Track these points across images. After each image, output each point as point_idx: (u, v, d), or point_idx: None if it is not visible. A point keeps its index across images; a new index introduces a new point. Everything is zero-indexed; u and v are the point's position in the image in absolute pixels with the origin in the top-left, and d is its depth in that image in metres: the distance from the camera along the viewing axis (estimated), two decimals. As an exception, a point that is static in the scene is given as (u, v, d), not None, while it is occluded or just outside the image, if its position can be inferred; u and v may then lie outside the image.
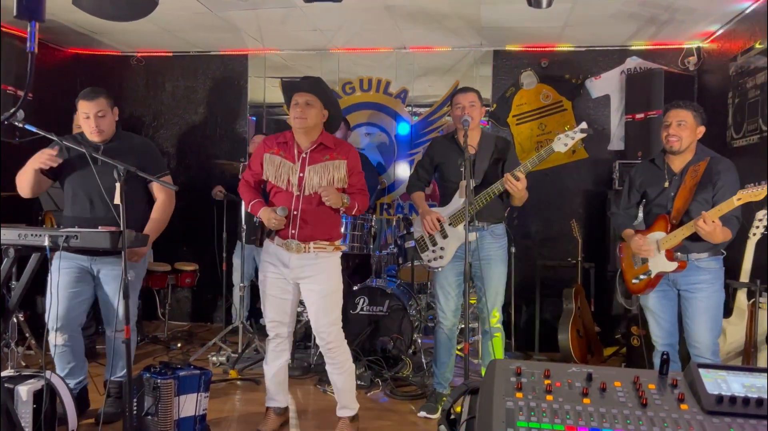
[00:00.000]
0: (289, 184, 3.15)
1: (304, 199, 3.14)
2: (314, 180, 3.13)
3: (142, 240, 2.90)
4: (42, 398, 2.86)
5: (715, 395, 1.30)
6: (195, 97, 6.09)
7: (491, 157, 3.63)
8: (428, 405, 3.75)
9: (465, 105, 3.56)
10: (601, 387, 1.37)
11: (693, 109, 3.14)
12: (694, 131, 3.14)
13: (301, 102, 3.13)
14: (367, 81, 5.86)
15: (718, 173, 3.08)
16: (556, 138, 3.34)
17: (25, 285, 2.70)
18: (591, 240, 5.26)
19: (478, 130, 3.70)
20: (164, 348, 5.11)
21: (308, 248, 3.16)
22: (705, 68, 5.18)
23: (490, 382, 1.40)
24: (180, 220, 5.84)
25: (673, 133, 3.12)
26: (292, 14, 4.71)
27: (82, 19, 4.80)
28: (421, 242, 3.74)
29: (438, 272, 3.71)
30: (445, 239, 3.63)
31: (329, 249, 3.23)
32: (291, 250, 3.16)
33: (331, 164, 3.17)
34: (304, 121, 3.11)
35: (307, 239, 3.15)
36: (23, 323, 4.40)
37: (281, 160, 3.18)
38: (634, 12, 4.50)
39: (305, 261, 3.18)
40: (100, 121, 3.30)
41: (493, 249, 3.62)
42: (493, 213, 3.61)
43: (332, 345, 3.26)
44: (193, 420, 3.21)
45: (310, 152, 3.17)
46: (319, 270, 3.19)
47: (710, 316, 3.13)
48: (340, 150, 3.22)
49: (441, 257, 3.65)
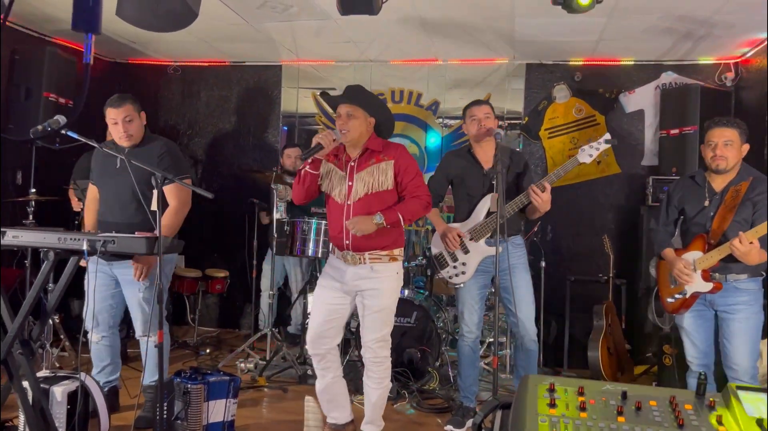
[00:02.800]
0: (339, 193, 3.13)
1: (355, 207, 3.09)
2: (360, 186, 3.10)
3: (177, 246, 2.94)
4: (76, 399, 2.92)
5: (755, 419, 1.28)
6: (229, 106, 6.19)
7: (509, 169, 3.63)
8: (455, 419, 3.72)
9: (480, 117, 3.58)
10: (637, 405, 1.35)
11: (737, 126, 3.07)
12: (740, 150, 3.08)
13: (342, 114, 3.11)
14: (399, 92, 5.89)
15: (760, 193, 3.02)
16: (581, 150, 3.34)
17: (63, 288, 2.76)
18: (623, 257, 5.19)
19: (493, 142, 3.66)
20: (193, 353, 5.17)
21: (363, 259, 3.11)
22: (742, 84, 5.09)
23: (522, 398, 1.39)
24: (211, 227, 5.96)
25: (720, 154, 3.04)
26: (327, 26, 4.76)
27: (123, 29, 4.91)
28: (440, 258, 3.71)
29: (461, 287, 3.68)
30: (467, 254, 3.61)
31: (385, 260, 3.15)
32: (348, 262, 3.14)
33: (376, 167, 3.12)
34: (347, 133, 3.08)
35: (362, 249, 3.10)
36: (58, 325, 4.49)
37: (333, 167, 3.17)
38: (670, 27, 4.45)
39: (362, 273, 3.12)
40: (128, 125, 3.40)
41: (514, 257, 3.60)
42: (512, 224, 3.58)
43: (378, 360, 3.21)
44: (222, 425, 3.24)
45: (357, 159, 3.15)
46: (374, 285, 3.13)
47: (749, 338, 3.06)
48: (387, 152, 3.16)
49: (463, 273, 3.63)
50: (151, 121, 6.06)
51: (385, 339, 3.20)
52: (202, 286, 5.51)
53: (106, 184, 3.51)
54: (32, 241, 2.63)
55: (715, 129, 3.09)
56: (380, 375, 3.23)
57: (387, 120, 3.26)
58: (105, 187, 3.52)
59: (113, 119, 3.40)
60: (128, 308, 3.54)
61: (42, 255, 2.64)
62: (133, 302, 3.46)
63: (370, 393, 3.28)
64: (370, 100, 3.20)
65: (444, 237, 3.62)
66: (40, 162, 4.80)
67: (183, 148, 6.23)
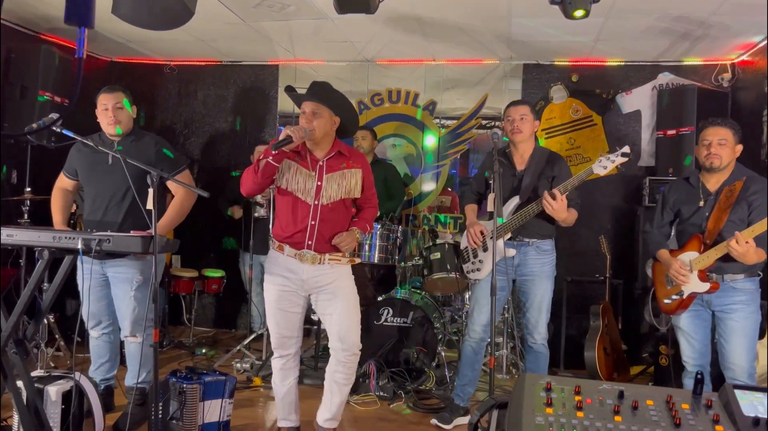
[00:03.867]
0: (305, 192, 2.99)
1: (323, 208, 3.00)
2: (333, 188, 3.01)
3: (173, 245, 2.93)
4: (70, 399, 2.90)
5: (752, 417, 1.27)
6: (225, 106, 6.17)
7: (541, 173, 3.57)
8: (443, 415, 3.73)
9: (515, 118, 3.55)
10: (633, 405, 1.35)
11: (731, 126, 3.09)
12: (734, 149, 3.09)
13: (307, 111, 2.97)
14: (395, 92, 5.89)
15: (754, 193, 3.02)
16: (597, 161, 3.31)
17: (58, 287, 2.74)
18: (620, 257, 5.19)
19: (531, 143, 3.64)
20: (189, 353, 5.15)
21: (323, 260, 3.02)
22: (739, 85, 5.10)
23: (519, 397, 1.38)
24: (208, 227, 5.94)
25: (715, 152, 3.06)
26: (324, 25, 4.75)
27: (119, 28, 4.90)
28: (465, 253, 3.75)
29: (476, 284, 3.69)
30: (485, 252, 3.60)
31: (344, 262, 3.10)
32: (305, 261, 3.01)
33: (348, 172, 3.06)
34: (311, 132, 2.94)
35: (324, 251, 3.02)
36: (53, 325, 4.47)
37: (295, 164, 3.01)
38: (667, 27, 4.45)
39: (320, 271, 3.03)
40: (118, 112, 3.38)
41: (537, 265, 3.57)
42: (540, 229, 3.56)
43: (356, 358, 3.13)
44: (218, 425, 3.23)
45: (326, 160, 3.03)
46: (335, 278, 3.06)
47: (746, 338, 3.06)
48: (355, 158, 3.11)
49: (479, 269, 3.64)
50: (147, 120, 6.13)
51: (357, 332, 3.13)
52: (199, 286, 5.49)
53: (95, 180, 3.42)
54: (26, 240, 2.61)
55: (709, 128, 3.11)
56: (352, 371, 3.16)
57: (352, 120, 3.16)
58: (93, 183, 3.43)
59: (104, 104, 3.38)
60: (116, 307, 3.46)
61: (37, 254, 2.63)
62: (123, 301, 3.40)
63: (339, 391, 3.17)
64: (337, 99, 3.05)
65: (468, 231, 3.63)
66: (35, 161, 4.78)
67: (179, 148, 6.21)
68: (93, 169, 3.42)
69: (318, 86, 3.05)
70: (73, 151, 3.50)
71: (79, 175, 3.49)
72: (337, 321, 3.08)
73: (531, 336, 3.62)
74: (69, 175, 3.53)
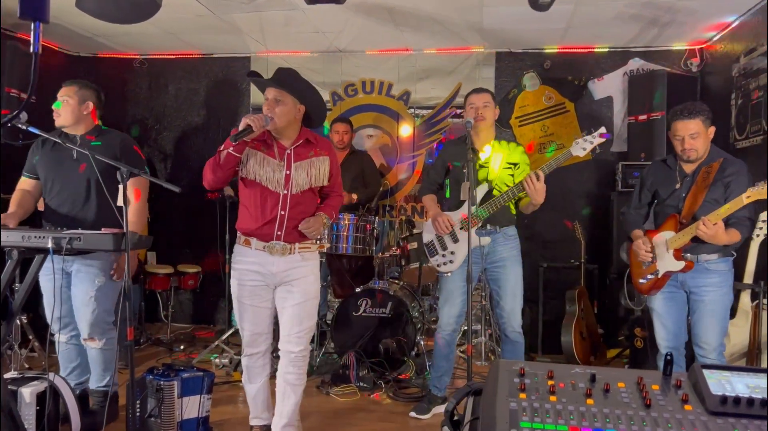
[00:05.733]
0: (274, 181, 2.91)
1: (292, 198, 2.92)
2: (302, 177, 2.94)
3: (146, 241, 2.89)
4: (45, 400, 2.86)
5: (719, 396, 1.30)
6: (197, 99, 6.10)
7: (504, 160, 3.60)
8: (420, 406, 3.75)
9: (479, 105, 3.54)
10: (605, 388, 1.36)
11: (700, 114, 3.07)
12: (707, 135, 3.12)
13: (270, 98, 2.87)
14: (369, 83, 5.87)
15: (730, 174, 3.07)
16: (575, 142, 3.31)
17: (28, 287, 2.69)
18: (594, 242, 5.25)
19: (492, 131, 3.66)
20: (167, 350, 5.11)
21: (293, 249, 2.95)
22: (708, 70, 5.17)
23: (493, 383, 1.39)
24: (182, 223, 5.89)
25: (690, 147, 3.08)
26: (295, 16, 4.71)
27: (86, 22, 4.81)
28: (431, 246, 3.70)
29: (446, 277, 3.68)
30: (456, 243, 3.59)
31: (313, 248, 3.04)
32: (275, 253, 2.93)
33: (317, 160, 2.99)
34: (273, 120, 2.84)
35: (294, 241, 2.95)
36: (26, 325, 4.41)
37: (264, 156, 2.93)
38: (636, 13, 4.50)
39: (291, 264, 2.96)
40: (60, 108, 3.29)
41: (506, 251, 3.59)
42: (505, 215, 3.58)
43: (304, 353, 3.02)
44: (196, 422, 3.21)
45: (294, 149, 2.96)
46: (303, 274, 2.99)
47: (718, 318, 3.12)
48: (322, 146, 3.04)
49: (451, 261, 3.61)
50: (118, 115, 6.03)
51: (312, 330, 3.06)
52: (174, 282, 5.45)
53: (59, 177, 3.31)
54: (-6, 240, 2.55)
55: (678, 122, 3.10)
56: (301, 371, 3.05)
57: (318, 108, 3.06)
58: (57, 180, 3.31)
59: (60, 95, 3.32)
60: (74, 308, 3.31)
61: (6, 254, 2.58)
62: (82, 301, 3.27)
63: (293, 393, 3.04)
64: (301, 86, 2.96)
65: (435, 221, 3.59)
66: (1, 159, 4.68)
67: (151, 143, 6.14)
68: (56, 165, 3.31)
69: (283, 72, 2.95)
70: (33, 149, 3.39)
71: (41, 173, 3.35)
72: (291, 315, 2.99)
73: (508, 325, 3.62)
74: (30, 174, 3.39)
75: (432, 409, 3.71)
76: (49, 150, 3.33)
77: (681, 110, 3.12)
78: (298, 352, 3.00)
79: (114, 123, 4.88)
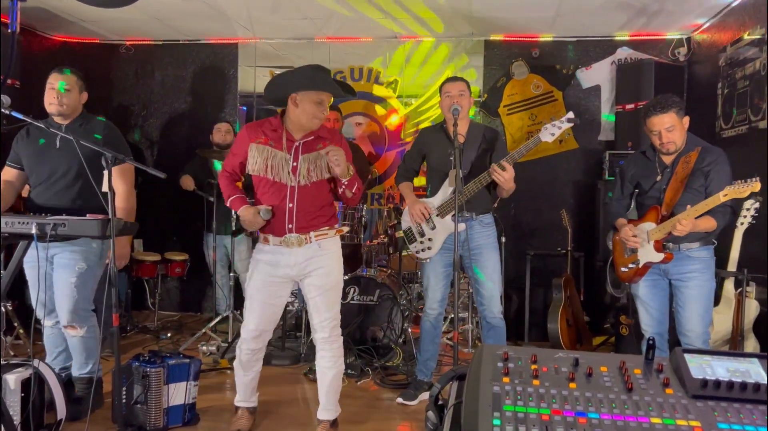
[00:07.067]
0: (283, 175, 2.94)
1: (300, 189, 2.95)
2: (308, 168, 2.95)
3: (132, 228, 2.87)
4: (30, 387, 2.85)
5: (700, 379, 1.31)
6: (184, 86, 6.06)
7: (479, 147, 3.62)
8: (407, 392, 3.77)
9: (454, 94, 3.54)
10: (588, 372, 1.37)
11: (672, 106, 3.06)
12: (683, 126, 3.13)
13: (325, 102, 2.95)
14: (358, 70, 5.84)
15: (710, 163, 3.08)
16: (543, 128, 3.34)
17: (12, 273, 2.67)
18: (581, 230, 5.28)
19: (467, 119, 3.69)
20: (154, 337, 5.10)
21: (309, 238, 2.98)
22: (695, 59, 5.19)
23: (477, 367, 1.40)
24: (169, 210, 5.86)
25: (667, 140, 3.08)
26: (282, 2, 4.68)
27: (71, 7, 4.75)
28: (409, 233, 3.73)
29: (426, 263, 3.71)
30: (433, 230, 3.62)
31: (331, 234, 3.07)
32: (292, 245, 2.97)
33: (325, 151, 2.98)
34: (322, 122, 3.00)
35: (307, 229, 2.97)
36: (11, 312, 4.37)
37: (271, 150, 2.96)
38: (624, 2, 4.50)
39: (310, 254, 2.99)
40: (62, 95, 3.27)
41: (483, 238, 3.62)
42: (481, 203, 3.61)
43: (333, 338, 3.10)
44: (183, 408, 3.21)
45: (303, 142, 2.99)
46: (323, 263, 3.02)
47: (701, 305, 3.15)
48: (333, 139, 3.05)
49: (429, 248, 3.65)
50: (103, 101, 5.97)
51: (338, 317, 3.13)
52: (162, 270, 5.42)
53: (42, 164, 3.28)
54: (-23, 227, 2.53)
55: (652, 118, 3.09)
56: (335, 354, 3.13)
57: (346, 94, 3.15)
58: (40, 166, 3.28)
59: (51, 83, 3.27)
60: (54, 294, 3.28)
61: (-11, 241, 2.56)
62: (63, 287, 3.24)
63: (326, 375, 3.14)
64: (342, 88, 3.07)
65: (411, 209, 3.62)
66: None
67: (137, 129, 6.09)
68: (40, 152, 3.28)
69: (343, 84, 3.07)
70: (18, 138, 3.36)
71: (24, 161, 3.32)
72: (316, 305, 3.07)
73: (488, 311, 3.65)
74: (13, 164, 3.36)
75: (419, 395, 3.73)
76: (34, 139, 3.29)
77: (653, 105, 3.11)
78: (325, 339, 3.10)
79: (100, 109, 4.84)
